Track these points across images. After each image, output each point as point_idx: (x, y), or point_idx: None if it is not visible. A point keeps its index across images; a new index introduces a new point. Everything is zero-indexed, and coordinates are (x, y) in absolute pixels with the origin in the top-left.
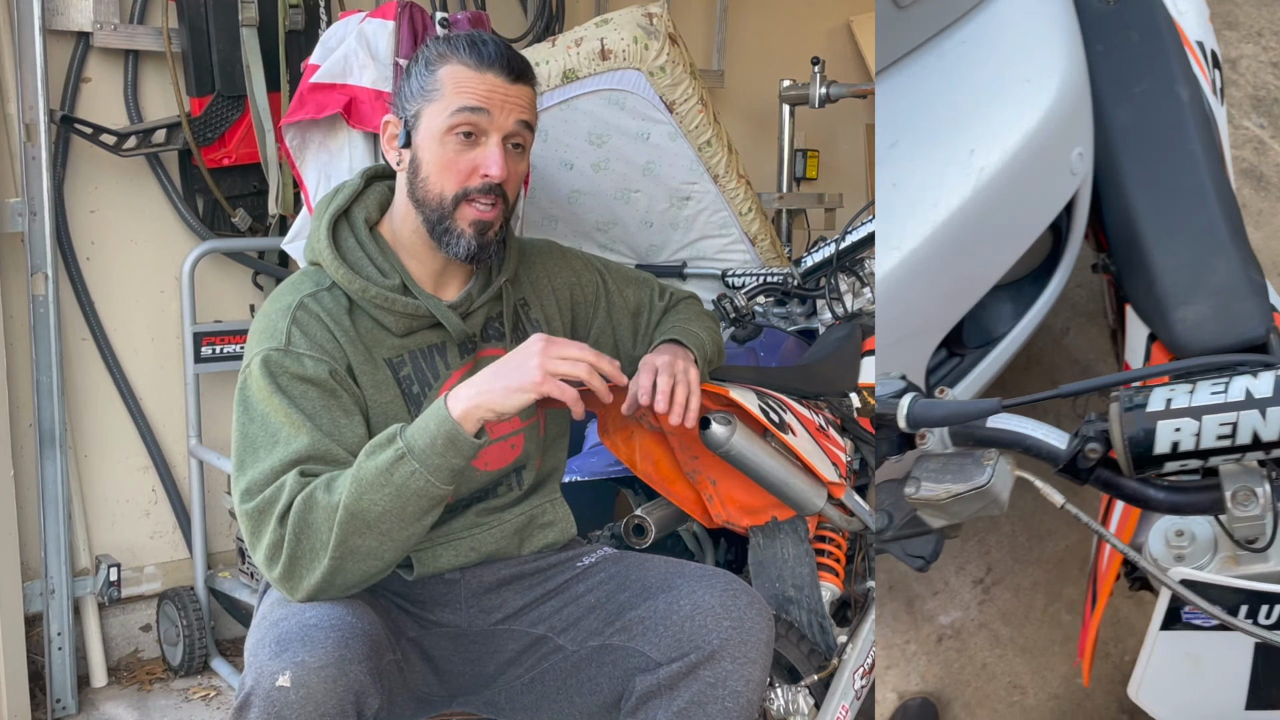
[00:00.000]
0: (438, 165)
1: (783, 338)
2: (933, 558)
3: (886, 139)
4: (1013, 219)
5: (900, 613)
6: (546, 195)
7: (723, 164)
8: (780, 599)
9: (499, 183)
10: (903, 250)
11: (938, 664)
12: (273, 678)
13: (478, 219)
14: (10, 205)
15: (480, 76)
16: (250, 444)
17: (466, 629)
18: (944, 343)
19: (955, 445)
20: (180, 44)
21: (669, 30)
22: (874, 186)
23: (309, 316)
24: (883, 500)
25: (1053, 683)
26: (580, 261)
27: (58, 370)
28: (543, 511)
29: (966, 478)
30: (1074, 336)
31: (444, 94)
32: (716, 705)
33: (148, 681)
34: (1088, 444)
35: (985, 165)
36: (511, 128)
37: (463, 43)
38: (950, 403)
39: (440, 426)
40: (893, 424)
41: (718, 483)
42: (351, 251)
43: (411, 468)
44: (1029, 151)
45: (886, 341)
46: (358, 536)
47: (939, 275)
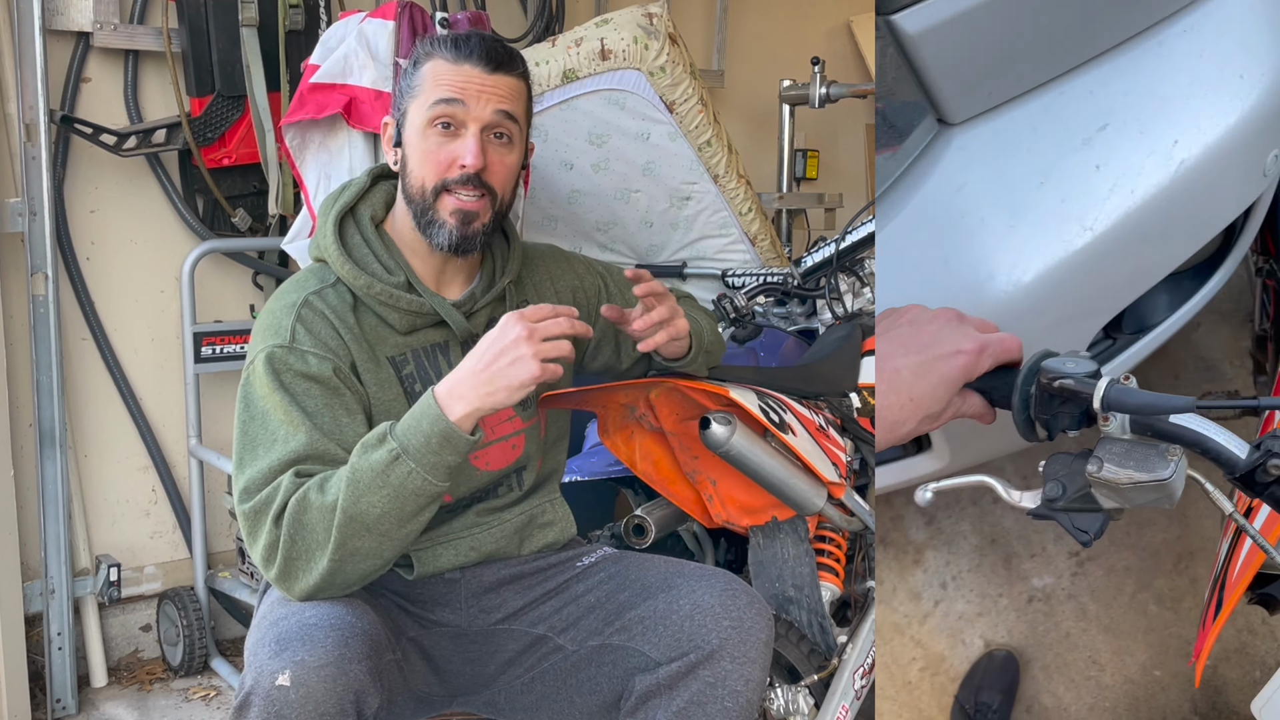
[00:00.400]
0: (419, 158)
1: (783, 338)
2: (1098, 534)
3: (1097, 122)
4: (1199, 213)
5: (998, 566)
6: (546, 195)
7: (723, 164)
8: (780, 599)
9: (477, 173)
10: (1095, 231)
11: (1024, 623)
12: (272, 677)
13: (459, 208)
14: (10, 205)
15: (457, 68)
16: (250, 442)
17: (466, 629)
18: (1104, 325)
19: (1134, 433)
20: (180, 44)
21: (669, 30)
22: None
23: (313, 314)
24: (1056, 470)
25: (1130, 667)
26: (583, 265)
27: (58, 370)
28: (543, 511)
29: (1150, 468)
30: (1204, 334)
31: (424, 89)
32: (716, 705)
33: (148, 681)
34: (1271, 459)
35: (1185, 158)
36: (489, 118)
37: (446, 39)
38: (1145, 393)
39: (434, 425)
40: (1083, 402)
41: (718, 483)
42: (357, 248)
43: (408, 468)
44: (1228, 149)
45: (1063, 317)
46: (357, 538)
47: (1123, 260)
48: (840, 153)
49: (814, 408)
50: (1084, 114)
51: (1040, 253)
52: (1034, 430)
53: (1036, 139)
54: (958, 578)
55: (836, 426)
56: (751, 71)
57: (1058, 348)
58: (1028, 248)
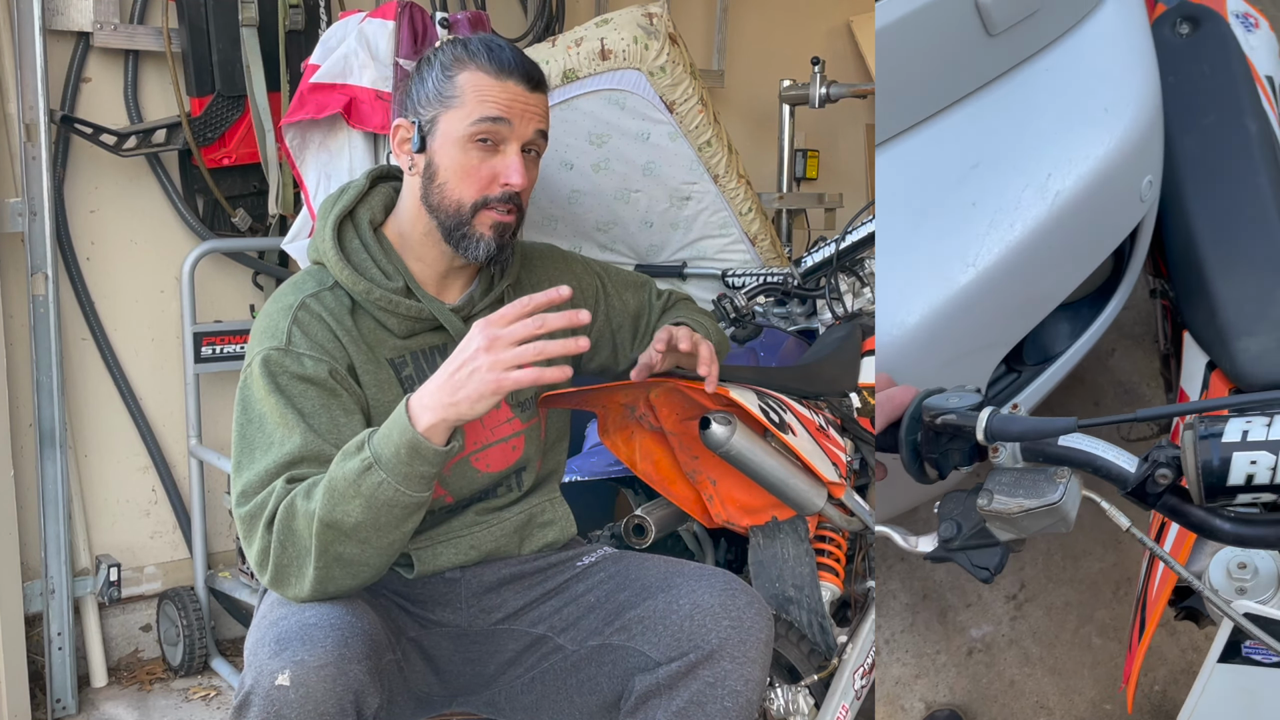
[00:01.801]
0: (457, 172)
1: (783, 338)
2: (998, 569)
3: (968, 160)
4: (1082, 242)
5: (933, 622)
6: (546, 195)
7: (723, 164)
8: (780, 599)
9: (518, 191)
10: (978, 267)
11: (966, 677)
12: (272, 677)
13: (498, 222)
14: (10, 205)
15: (501, 85)
16: (247, 445)
17: (466, 629)
18: (1004, 358)
19: (1026, 460)
20: (180, 44)
21: (669, 30)
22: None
23: (310, 316)
24: (950, 510)
25: (1080, 706)
26: (580, 265)
27: (58, 370)
28: (542, 510)
29: (1039, 494)
30: (1119, 358)
31: (465, 101)
32: (716, 705)
33: (148, 681)
34: (1158, 469)
35: (1061, 189)
36: (530, 136)
37: (480, 48)
38: (1028, 419)
39: (403, 436)
40: (969, 435)
41: (718, 483)
42: (356, 253)
43: (379, 478)
44: (1102, 178)
45: (957, 354)
46: (338, 545)
47: (1010, 292)
48: (840, 153)
49: (814, 408)
50: (954, 153)
51: (923, 293)
52: (924, 472)
53: (910, 180)
54: (891, 640)
55: (836, 426)
56: (751, 71)
57: (956, 384)
58: (909, 289)
